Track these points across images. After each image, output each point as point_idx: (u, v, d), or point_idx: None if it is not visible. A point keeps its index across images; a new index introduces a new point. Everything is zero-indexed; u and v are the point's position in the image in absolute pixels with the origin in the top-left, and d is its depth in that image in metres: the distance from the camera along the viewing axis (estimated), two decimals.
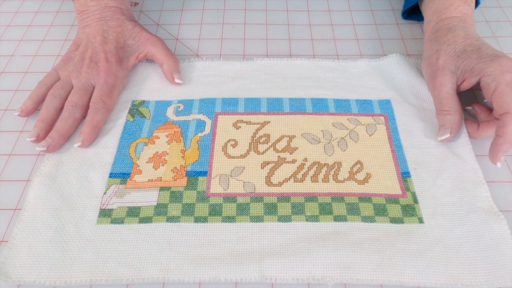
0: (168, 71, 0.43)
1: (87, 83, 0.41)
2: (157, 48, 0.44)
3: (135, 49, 0.44)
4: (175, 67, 0.44)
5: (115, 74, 0.41)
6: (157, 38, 0.45)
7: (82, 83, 0.41)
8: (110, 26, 0.43)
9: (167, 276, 0.31)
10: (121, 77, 0.42)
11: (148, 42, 0.44)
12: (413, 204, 0.35)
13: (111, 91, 0.41)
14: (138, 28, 0.45)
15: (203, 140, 0.39)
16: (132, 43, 0.44)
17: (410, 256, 0.31)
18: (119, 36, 0.43)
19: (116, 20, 0.44)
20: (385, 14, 0.54)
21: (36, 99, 0.41)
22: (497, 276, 0.30)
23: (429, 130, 0.40)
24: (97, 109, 0.39)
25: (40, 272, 0.31)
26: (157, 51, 0.44)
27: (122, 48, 0.43)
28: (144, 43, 0.44)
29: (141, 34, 0.44)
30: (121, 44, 0.43)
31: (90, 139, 0.38)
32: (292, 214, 0.34)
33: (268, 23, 0.53)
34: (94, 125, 0.39)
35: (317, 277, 0.31)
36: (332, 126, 0.40)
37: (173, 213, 0.34)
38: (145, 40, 0.44)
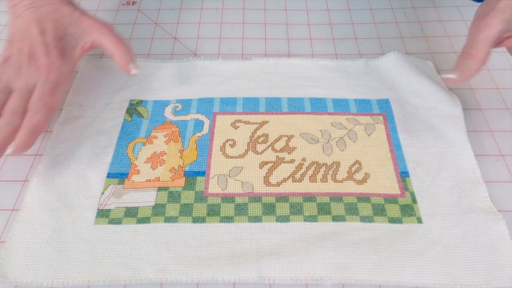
0: (121, 63, 0.38)
1: (27, 84, 0.36)
2: (105, 37, 0.38)
3: (78, 38, 0.38)
4: (129, 56, 0.39)
5: (58, 69, 0.36)
6: (102, 24, 0.39)
7: (23, 86, 0.36)
8: (45, 13, 0.37)
9: (165, 276, 0.31)
10: (66, 72, 0.37)
11: (93, 29, 0.39)
12: (412, 204, 0.34)
13: (54, 88, 0.36)
14: (79, 12, 0.39)
15: (201, 140, 0.39)
16: (73, 31, 0.38)
17: (408, 256, 0.31)
18: (57, 24, 0.38)
19: (50, 5, 0.38)
20: (384, 12, 0.54)
21: None
22: (495, 276, 0.30)
23: (428, 130, 0.40)
24: (35, 110, 0.34)
25: (38, 273, 0.31)
26: (105, 39, 0.38)
27: (63, 38, 0.38)
28: (87, 30, 0.38)
29: (83, 20, 0.38)
30: (61, 34, 0.38)
31: (25, 145, 0.34)
32: (290, 214, 0.34)
33: (267, 22, 0.53)
34: (31, 128, 0.34)
35: (316, 278, 0.31)
36: (330, 126, 0.40)
37: (171, 213, 0.34)
38: (88, 27, 0.38)
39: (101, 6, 0.55)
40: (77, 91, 0.43)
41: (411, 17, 0.53)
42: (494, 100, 0.43)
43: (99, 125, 0.40)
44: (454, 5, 0.54)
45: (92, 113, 0.41)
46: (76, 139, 0.39)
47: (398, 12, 0.54)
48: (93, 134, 0.40)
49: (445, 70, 0.46)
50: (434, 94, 0.42)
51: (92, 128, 0.40)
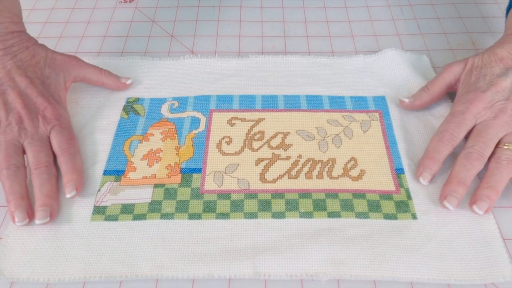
0: (114, 84, 0.41)
1: (41, 136, 0.35)
2: (85, 70, 0.40)
3: (56, 78, 0.38)
4: (115, 75, 0.41)
5: (63, 114, 0.37)
6: (73, 58, 0.39)
7: (36, 139, 0.34)
8: (23, 60, 0.36)
9: (161, 272, 0.31)
10: (67, 115, 0.38)
11: (69, 65, 0.39)
12: (407, 200, 0.35)
13: (72, 130, 0.37)
14: (50, 52, 0.38)
15: (198, 137, 0.39)
16: (48, 72, 0.37)
17: (403, 252, 0.32)
18: (36, 68, 0.36)
19: (26, 51, 0.36)
20: (381, 10, 0.54)
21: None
22: (489, 271, 0.30)
23: (423, 127, 0.40)
24: (71, 154, 0.35)
25: (34, 269, 0.31)
26: (87, 72, 0.40)
27: (44, 83, 0.36)
28: (63, 68, 0.38)
29: (55, 59, 0.38)
30: (42, 78, 0.36)
31: (81, 184, 0.34)
32: (286, 211, 0.34)
33: (263, 20, 0.53)
34: (78, 170, 0.34)
35: (311, 273, 0.31)
36: (326, 123, 0.40)
37: (167, 210, 0.34)
38: (63, 64, 0.38)
39: (98, 4, 0.55)
40: (73, 89, 0.43)
41: (407, 14, 0.53)
42: None
43: (95, 122, 0.40)
44: (450, 2, 0.55)
45: (89, 111, 0.42)
46: None
47: (395, 9, 0.54)
48: (90, 131, 0.40)
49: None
50: None
51: (88, 125, 0.40)
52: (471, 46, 0.49)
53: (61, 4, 0.55)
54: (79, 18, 0.53)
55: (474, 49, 0.48)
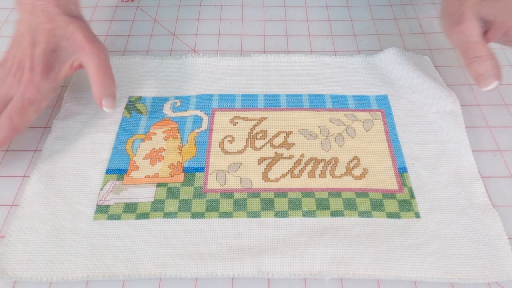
0: (96, 96, 0.36)
1: (7, 94, 0.35)
2: (91, 64, 0.36)
3: (70, 54, 0.36)
4: (106, 92, 0.36)
5: (37, 87, 0.35)
6: (92, 48, 0.36)
7: (2, 94, 0.35)
8: (39, 23, 0.35)
9: (164, 271, 0.31)
10: (46, 91, 0.35)
11: (81, 51, 0.36)
12: (410, 199, 0.35)
13: (25, 107, 0.34)
14: (74, 26, 0.36)
15: (200, 136, 0.39)
16: (66, 45, 0.36)
17: (406, 251, 0.32)
18: (50, 35, 0.35)
19: (45, 15, 0.35)
20: (383, 9, 0.54)
21: None
22: (492, 270, 0.30)
23: (426, 125, 0.40)
24: None
25: (37, 268, 0.31)
26: (89, 66, 0.36)
27: (54, 52, 0.35)
28: (77, 49, 0.36)
29: (76, 37, 0.36)
30: (53, 46, 0.35)
31: None
32: (289, 210, 0.34)
33: (266, 19, 0.53)
34: None
35: (314, 272, 0.31)
36: (329, 122, 0.40)
37: (170, 209, 0.34)
38: (78, 46, 0.36)
39: (100, 3, 0.55)
40: (75, 88, 0.43)
41: (409, 13, 0.53)
42: (492, 96, 0.43)
43: (98, 121, 0.40)
44: None
45: (91, 110, 0.41)
46: (75, 136, 0.39)
47: (397, 9, 0.54)
48: (92, 130, 0.40)
49: (444, 67, 0.46)
50: (432, 90, 0.42)
51: (90, 124, 0.40)
52: None
53: None
54: None
55: None
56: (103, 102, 0.36)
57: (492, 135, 0.40)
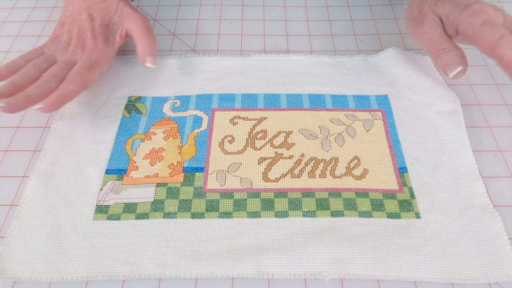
0: (140, 53, 0.40)
1: (71, 59, 0.40)
2: (135, 26, 0.41)
3: (120, 26, 0.42)
4: (150, 49, 0.40)
5: (101, 52, 0.40)
6: (138, 15, 0.42)
7: (66, 59, 0.39)
8: (94, 2, 0.42)
9: (164, 272, 0.31)
10: (108, 56, 0.41)
11: (129, 18, 0.42)
12: (410, 199, 0.34)
13: (93, 66, 0.39)
14: (122, 3, 0.42)
15: (200, 136, 0.39)
16: (117, 20, 0.42)
17: (407, 251, 0.31)
18: (104, 12, 0.42)
19: None
20: (383, 9, 0.54)
21: (11, 68, 0.38)
22: (493, 271, 0.30)
23: (426, 125, 0.40)
24: (72, 80, 0.37)
25: (36, 269, 0.31)
26: (135, 29, 0.41)
27: (108, 26, 0.42)
28: (125, 19, 0.42)
29: (123, 9, 0.42)
30: (107, 22, 0.42)
31: (53, 105, 0.36)
32: (289, 210, 0.34)
33: (266, 18, 0.52)
34: (63, 93, 0.36)
35: (314, 272, 0.31)
36: (329, 122, 0.40)
37: (170, 209, 0.34)
38: (126, 16, 0.42)
39: None
40: None
41: None
42: (493, 95, 0.43)
43: (97, 121, 0.40)
44: None
45: (91, 110, 0.41)
46: (75, 136, 0.39)
47: (397, 8, 0.54)
48: (92, 130, 0.40)
49: None
50: (432, 90, 0.42)
51: (90, 124, 0.40)
52: None
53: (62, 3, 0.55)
54: None
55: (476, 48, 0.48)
56: (146, 59, 0.40)
57: (492, 135, 0.40)
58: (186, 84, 0.44)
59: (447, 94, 0.41)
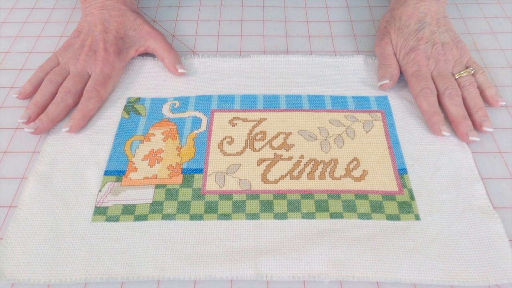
0: (170, 64, 0.44)
1: (83, 71, 0.42)
2: (158, 43, 0.44)
3: (135, 41, 0.45)
4: (176, 59, 0.44)
5: (112, 64, 0.42)
6: (158, 33, 0.45)
7: (78, 70, 0.41)
8: (112, 16, 0.44)
9: (162, 273, 0.31)
10: (118, 68, 0.43)
11: (149, 36, 0.44)
12: (410, 201, 0.34)
13: (106, 80, 0.41)
14: (140, 20, 0.45)
15: (199, 137, 0.39)
16: (133, 34, 0.44)
17: (406, 253, 0.31)
18: (120, 26, 0.44)
19: (117, 10, 0.44)
20: (383, 10, 0.54)
21: (35, 83, 0.42)
22: (492, 273, 0.30)
23: (426, 127, 0.39)
24: (90, 97, 0.40)
25: (35, 270, 0.31)
26: (158, 45, 0.44)
27: (122, 39, 0.44)
28: (145, 36, 0.45)
29: (143, 27, 0.45)
30: (121, 35, 0.44)
31: (78, 125, 0.39)
32: (288, 211, 0.34)
33: (265, 19, 0.52)
34: (85, 112, 0.39)
35: (313, 274, 0.31)
36: (328, 123, 0.40)
37: (169, 210, 0.34)
38: (146, 33, 0.45)
39: None
40: None
41: None
42: None
43: (96, 122, 0.40)
44: (453, 2, 0.54)
45: None
46: (74, 137, 0.39)
47: None
48: (91, 131, 0.39)
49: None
50: None
51: (89, 125, 0.40)
52: (473, 46, 0.48)
53: (62, 4, 0.55)
54: None
55: (475, 50, 0.48)
56: (177, 66, 0.43)
57: (492, 136, 0.40)
58: (185, 85, 0.44)
59: None
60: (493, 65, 0.46)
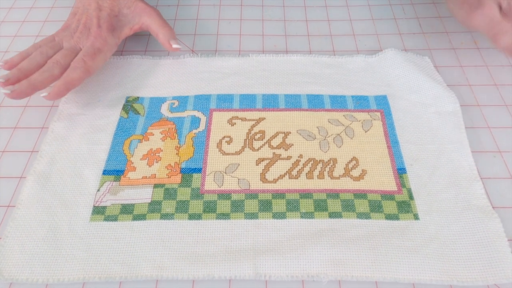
0: (164, 40, 0.43)
1: (75, 46, 0.41)
2: (152, 19, 0.44)
3: (130, 19, 0.44)
4: (171, 34, 0.43)
5: (105, 39, 0.41)
6: (152, 9, 0.44)
7: (71, 45, 0.41)
8: None
9: (161, 273, 0.31)
10: (111, 44, 0.42)
11: (143, 12, 0.44)
12: (409, 201, 0.34)
13: (96, 53, 0.41)
14: None
15: (198, 136, 0.39)
16: (127, 12, 0.44)
17: (405, 253, 0.31)
18: (114, 4, 0.43)
19: None
20: (383, 9, 0.53)
21: (25, 56, 0.41)
22: (492, 273, 0.30)
23: (425, 126, 0.39)
24: (75, 67, 0.39)
25: (33, 270, 0.31)
26: (152, 21, 0.44)
27: (116, 17, 0.43)
28: (139, 13, 0.44)
29: (137, 4, 0.44)
30: (116, 13, 0.43)
31: (59, 93, 0.38)
32: (287, 211, 0.34)
33: (264, 18, 0.52)
34: (67, 81, 0.38)
35: (312, 274, 0.31)
36: (327, 123, 0.40)
37: (167, 210, 0.34)
38: (140, 10, 0.44)
39: None
40: None
41: (409, 13, 0.53)
42: (492, 96, 0.43)
43: (95, 121, 0.40)
44: None
45: (88, 110, 0.41)
46: (72, 136, 0.39)
47: (396, 9, 0.53)
48: (89, 131, 0.39)
49: (443, 67, 0.46)
50: (431, 90, 0.42)
51: (88, 125, 0.40)
52: (473, 45, 0.48)
53: (61, 3, 0.55)
54: None
55: (476, 48, 0.48)
56: (171, 42, 0.43)
57: (492, 135, 0.39)
58: (184, 85, 0.44)
59: (446, 95, 0.41)
60: (494, 63, 0.46)
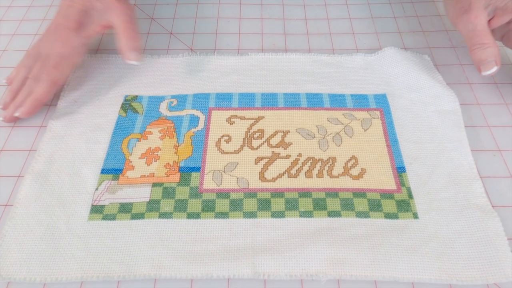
0: (122, 48, 0.39)
1: (44, 52, 0.40)
2: (120, 19, 0.39)
3: (101, 14, 0.40)
4: (131, 44, 0.39)
5: (70, 43, 0.40)
6: (124, 7, 0.40)
7: (42, 53, 0.40)
8: None
9: (159, 272, 0.31)
10: (77, 46, 0.40)
11: (113, 8, 0.40)
12: (408, 200, 0.34)
13: (59, 62, 0.39)
14: None
15: (197, 135, 0.39)
16: (99, 7, 0.40)
17: (404, 252, 0.31)
18: None
19: None
20: (382, 7, 0.53)
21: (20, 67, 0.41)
22: (491, 271, 0.30)
23: (425, 125, 0.39)
24: (39, 82, 0.38)
25: (31, 269, 0.31)
26: (116, 21, 0.39)
27: (87, 12, 0.40)
28: (107, 9, 0.40)
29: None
30: (87, 7, 0.40)
31: (28, 112, 0.38)
32: (285, 210, 0.34)
33: (264, 17, 0.52)
34: (34, 98, 0.38)
35: (311, 273, 0.30)
36: (327, 121, 0.40)
37: (166, 209, 0.34)
38: (108, 5, 0.40)
39: None
40: (71, 87, 0.43)
41: (409, 11, 0.53)
42: (492, 95, 0.43)
43: (93, 120, 0.40)
44: None
45: (87, 109, 0.41)
46: (70, 135, 0.39)
47: (396, 7, 0.53)
48: (88, 129, 0.39)
49: (443, 65, 0.46)
50: (431, 89, 0.42)
51: (86, 123, 0.40)
52: None
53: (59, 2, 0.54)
54: None
55: None
56: (129, 55, 0.39)
57: (491, 134, 0.39)
58: (183, 83, 0.43)
59: (446, 93, 0.41)
60: None
